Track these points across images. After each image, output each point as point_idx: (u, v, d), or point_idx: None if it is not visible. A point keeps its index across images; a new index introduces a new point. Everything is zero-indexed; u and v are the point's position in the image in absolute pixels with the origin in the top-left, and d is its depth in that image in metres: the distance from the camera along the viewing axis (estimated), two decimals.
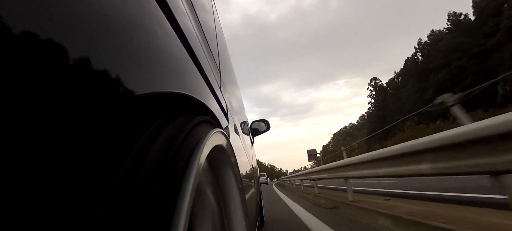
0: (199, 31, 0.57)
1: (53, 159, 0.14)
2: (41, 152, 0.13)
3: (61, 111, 0.15)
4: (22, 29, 0.13)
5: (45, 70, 0.14)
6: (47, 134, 0.14)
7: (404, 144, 1.90)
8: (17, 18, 0.13)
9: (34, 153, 0.13)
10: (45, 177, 0.13)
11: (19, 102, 0.12)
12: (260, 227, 2.47)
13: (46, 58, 0.14)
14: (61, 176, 0.15)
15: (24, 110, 0.13)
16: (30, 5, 0.14)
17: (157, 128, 0.27)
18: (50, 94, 0.14)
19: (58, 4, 0.16)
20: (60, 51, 0.15)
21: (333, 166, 3.96)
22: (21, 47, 0.13)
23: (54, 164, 0.14)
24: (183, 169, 0.29)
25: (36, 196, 0.13)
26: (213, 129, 0.43)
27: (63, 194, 0.15)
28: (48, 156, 0.14)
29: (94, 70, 0.18)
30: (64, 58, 0.15)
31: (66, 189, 0.15)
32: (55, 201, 0.14)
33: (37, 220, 0.13)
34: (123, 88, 0.21)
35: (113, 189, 0.19)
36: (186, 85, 0.37)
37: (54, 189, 0.14)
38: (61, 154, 0.15)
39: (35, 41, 0.13)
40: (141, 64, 0.24)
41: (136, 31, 0.25)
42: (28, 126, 0.13)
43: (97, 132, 0.18)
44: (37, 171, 0.13)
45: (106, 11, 0.21)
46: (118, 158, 0.20)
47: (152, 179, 0.23)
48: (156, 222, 0.22)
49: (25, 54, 0.13)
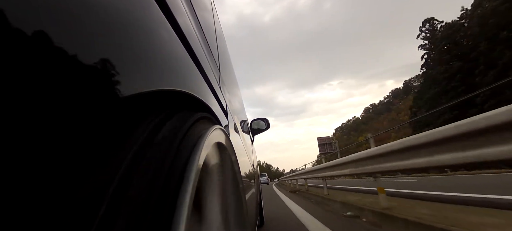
0: (198, 30, 0.57)
1: (53, 158, 0.14)
2: (41, 151, 0.13)
3: (61, 109, 0.15)
4: (22, 29, 0.13)
5: (45, 69, 0.14)
6: (47, 133, 0.14)
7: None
8: (18, 17, 0.13)
9: (34, 152, 0.13)
10: (44, 177, 0.14)
11: (19, 101, 0.12)
12: (260, 227, 2.47)
13: (46, 57, 0.14)
14: (61, 175, 0.15)
15: (24, 109, 0.13)
16: (31, 5, 0.14)
17: (157, 125, 0.27)
18: (50, 92, 0.14)
19: (59, 4, 0.16)
20: (61, 51, 0.15)
21: (362, 156, 2.77)
22: (22, 46, 0.13)
23: (54, 163, 0.14)
24: (184, 166, 0.29)
25: (36, 196, 0.13)
26: (213, 126, 0.43)
27: (63, 194, 0.15)
28: (48, 155, 0.14)
29: (95, 69, 0.18)
30: (65, 57, 0.15)
31: (66, 188, 0.15)
32: (55, 200, 0.14)
33: (37, 220, 0.13)
34: (124, 86, 0.21)
35: (114, 186, 0.19)
36: (186, 83, 0.37)
37: (54, 188, 0.14)
38: (61, 152, 0.15)
39: (35, 41, 0.14)
40: (141, 62, 0.25)
41: (136, 30, 0.25)
42: (28, 125, 0.13)
43: (99, 130, 0.18)
44: (36, 170, 0.13)
45: (107, 11, 0.21)
46: (120, 155, 0.21)
47: (152, 176, 0.23)
48: (157, 220, 0.22)
49: (26, 53, 0.13)
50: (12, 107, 0.12)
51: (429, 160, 1.70)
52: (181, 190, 0.26)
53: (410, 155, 1.92)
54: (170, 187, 0.25)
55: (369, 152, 2.60)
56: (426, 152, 1.74)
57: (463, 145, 1.38)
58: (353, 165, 3.12)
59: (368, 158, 2.65)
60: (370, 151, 2.61)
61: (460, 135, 1.39)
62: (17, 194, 0.12)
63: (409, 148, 1.91)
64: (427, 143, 1.70)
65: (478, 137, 1.28)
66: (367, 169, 2.73)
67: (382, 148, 2.35)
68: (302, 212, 3.34)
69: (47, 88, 0.14)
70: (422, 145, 1.76)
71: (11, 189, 0.12)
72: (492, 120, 1.18)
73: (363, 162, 2.83)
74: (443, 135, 1.51)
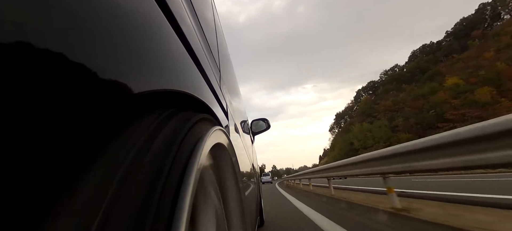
0: (199, 30, 0.57)
1: (53, 158, 0.14)
2: (41, 151, 0.13)
3: (62, 109, 0.15)
4: (22, 28, 0.13)
5: (46, 69, 0.14)
6: (48, 133, 0.14)
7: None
8: (18, 17, 0.13)
9: (35, 152, 0.13)
10: (45, 177, 0.13)
11: (19, 101, 0.12)
12: (260, 226, 2.47)
13: (47, 57, 0.14)
14: (61, 174, 0.15)
15: (24, 109, 0.13)
16: (31, 5, 0.14)
17: (158, 126, 0.27)
18: (51, 92, 0.14)
19: (60, 3, 0.16)
20: (61, 51, 0.15)
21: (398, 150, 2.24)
22: (22, 46, 0.13)
23: (54, 162, 0.14)
24: (184, 166, 0.29)
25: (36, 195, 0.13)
26: (213, 127, 0.43)
27: (63, 194, 0.15)
28: (48, 155, 0.14)
29: (95, 69, 0.18)
30: (65, 57, 0.15)
31: (66, 188, 0.15)
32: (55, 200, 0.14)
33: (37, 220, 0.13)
34: (124, 86, 0.21)
35: (115, 187, 0.19)
36: (186, 83, 0.37)
37: (55, 188, 0.14)
38: (61, 152, 0.15)
39: (36, 41, 0.13)
40: (141, 63, 0.25)
41: (136, 30, 0.25)
42: (28, 125, 0.13)
43: (100, 130, 0.18)
44: (36, 170, 0.13)
45: (106, 11, 0.21)
46: (120, 155, 0.21)
47: (153, 177, 0.23)
48: (157, 220, 0.22)
49: (26, 53, 0.13)
50: (12, 107, 0.12)
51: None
52: (181, 190, 0.26)
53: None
54: (170, 187, 0.25)
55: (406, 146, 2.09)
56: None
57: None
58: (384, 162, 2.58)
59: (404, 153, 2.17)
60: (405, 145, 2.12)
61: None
62: (17, 194, 0.12)
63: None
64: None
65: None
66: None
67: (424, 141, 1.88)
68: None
69: (49, 89, 0.14)
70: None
71: (12, 189, 0.12)
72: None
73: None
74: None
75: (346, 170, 3.85)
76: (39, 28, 0.14)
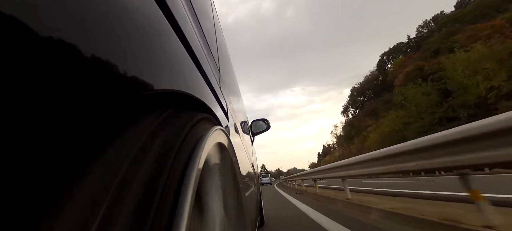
0: (198, 30, 0.57)
1: (53, 158, 0.14)
2: (41, 151, 0.13)
3: (62, 109, 0.15)
4: (23, 28, 0.13)
5: (46, 69, 0.14)
6: (49, 133, 0.14)
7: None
8: (19, 17, 0.13)
9: (35, 152, 0.13)
10: (45, 176, 0.13)
11: (19, 101, 0.12)
12: (260, 227, 2.47)
13: (47, 57, 0.14)
14: (61, 174, 0.15)
15: (25, 109, 0.13)
16: (31, 5, 0.14)
17: (158, 126, 0.27)
18: (51, 93, 0.14)
19: (60, 4, 0.16)
20: (61, 51, 0.15)
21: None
22: (22, 46, 0.13)
23: (55, 162, 0.14)
24: (185, 166, 0.29)
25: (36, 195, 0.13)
26: (213, 127, 0.43)
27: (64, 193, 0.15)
28: (49, 155, 0.14)
29: (95, 69, 0.18)
30: (65, 57, 0.15)
31: (66, 188, 0.15)
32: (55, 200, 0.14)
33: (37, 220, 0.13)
34: (125, 87, 0.21)
35: (115, 187, 0.19)
36: (186, 84, 0.37)
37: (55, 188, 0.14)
38: (62, 152, 0.15)
39: (36, 41, 0.13)
40: (141, 63, 0.25)
41: (136, 31, 0.25)
42: (28, 124, 0.13)
43: (100, 130, 0.18)
44: (37, 170, 0.13)
45: (106, 11, 0.21)
46: (121, 155, 0.21)
47: (153, 177, 0.23)
48: (157, 221, 0.22)
49: (26, 53, 0.13)
50: (12, 107, 0.12)
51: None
52: (182, 190, 0.26)
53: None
54: (171, 187, 0.25)
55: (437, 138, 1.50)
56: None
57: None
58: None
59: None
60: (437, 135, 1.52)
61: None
62: (17, 194, 0.12)
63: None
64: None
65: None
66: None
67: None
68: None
69: (49, 89, 0.14)
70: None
71: (12, 189, 0.12)
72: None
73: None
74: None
75: (395, 164, 2.25)
76: (39, 28, 0.14)
